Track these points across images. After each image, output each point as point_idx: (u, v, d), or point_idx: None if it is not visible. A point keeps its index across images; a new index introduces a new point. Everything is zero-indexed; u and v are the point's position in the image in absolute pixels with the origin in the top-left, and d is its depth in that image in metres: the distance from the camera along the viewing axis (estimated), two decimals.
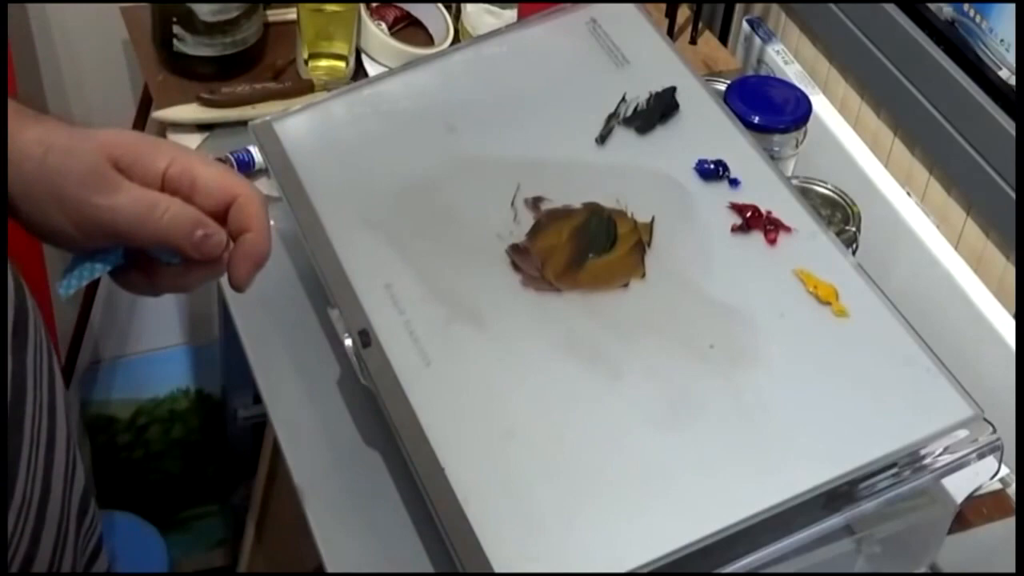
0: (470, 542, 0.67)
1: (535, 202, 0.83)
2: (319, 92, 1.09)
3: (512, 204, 0.83)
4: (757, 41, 1.19)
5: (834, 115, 1.11)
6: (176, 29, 1.08)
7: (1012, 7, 0.90)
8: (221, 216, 0.61)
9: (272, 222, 0.96)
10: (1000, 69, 0.92)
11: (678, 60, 0.92)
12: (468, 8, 1.16)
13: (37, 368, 0.66)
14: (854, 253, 0.92)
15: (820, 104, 1.09)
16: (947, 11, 0.97)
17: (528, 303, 0.78)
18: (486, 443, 0.71)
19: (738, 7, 1.25)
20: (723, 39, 1.25)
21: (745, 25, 1.21)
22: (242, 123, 0.97)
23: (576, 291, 0.78)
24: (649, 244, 0.81)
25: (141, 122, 1.40)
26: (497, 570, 0.66)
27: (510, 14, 1.12)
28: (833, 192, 0.97)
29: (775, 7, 1.22)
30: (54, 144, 0.57)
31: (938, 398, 0.72)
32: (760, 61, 1.19)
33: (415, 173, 0.87)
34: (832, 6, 1.09)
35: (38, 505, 0.65)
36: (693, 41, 1.23)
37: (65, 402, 0.71)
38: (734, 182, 0.84)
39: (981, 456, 0.71)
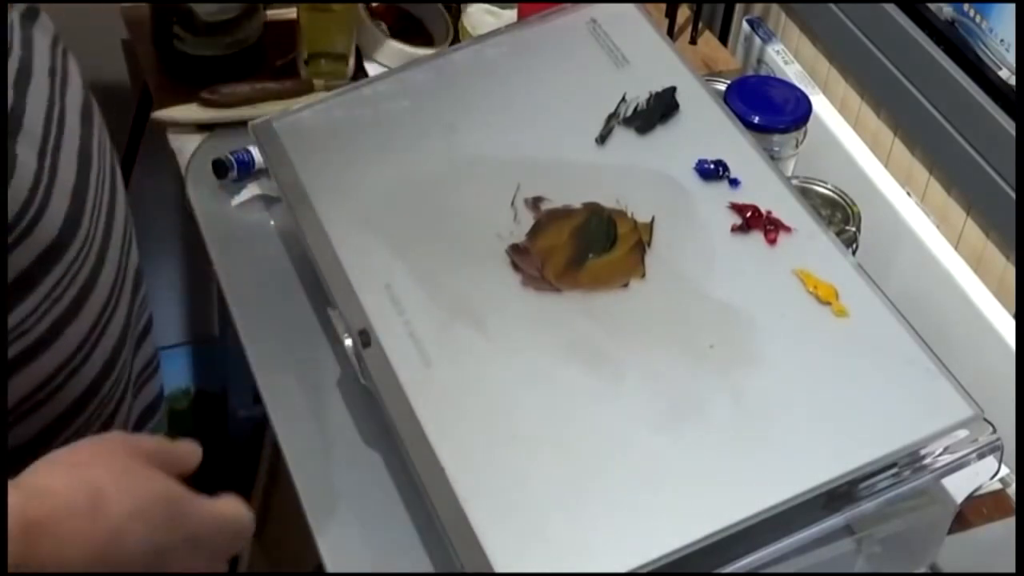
0: (470, 542, 0.67)
1: (535, 202, 0.83)
2: (319, 92, 1.09)
3: (512, 204, 0.83)
4: (757, 41, 1.19)
5: (834, 115, 1.11)
6: (176, 29, 1.08)
7: (1012, 7, 0.90)
8: None
9: (272, 221, 0.97)
10: (1000, 69, 0.92)
11: (678, 60, 0.92)
12: (468, 8, 1.16)
13: (100, 146, 0.74)
14: (854, 253, 0.92)
15: (820, 104, 1.09)
16: (947, 11, 0.97)
17: (528, 303, 0.78)
18: (486, 443, 0.71)
19: (738, 7, 1.25)
20: (723, 39, 1.25)
21: (745, 25, 1.21)
22: (242, 123, 0.97)
23: (576, 291, 0.78)
24: (649, 244, 0.81)
25: (141, 122, 1.40)
26: (497, 570, 0.66)
27: (510, 14, 1.13)
28: (833, 192, 0.97)
29: (775, 7, 1.22)
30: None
31: (938, 398, 0.72)
32: (760, 61, 1.19)
33: (415, 173, 0.87)
34: (832, 6, 1.09)
35: (96, 257, 0.71)
36: (693, 41, 1.23)
37: (122, 183, 0.79)
38: (734, 182, 0.84)
39: (981, 456, 0.71)
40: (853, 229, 0.95)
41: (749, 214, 0.81)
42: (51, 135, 0.67)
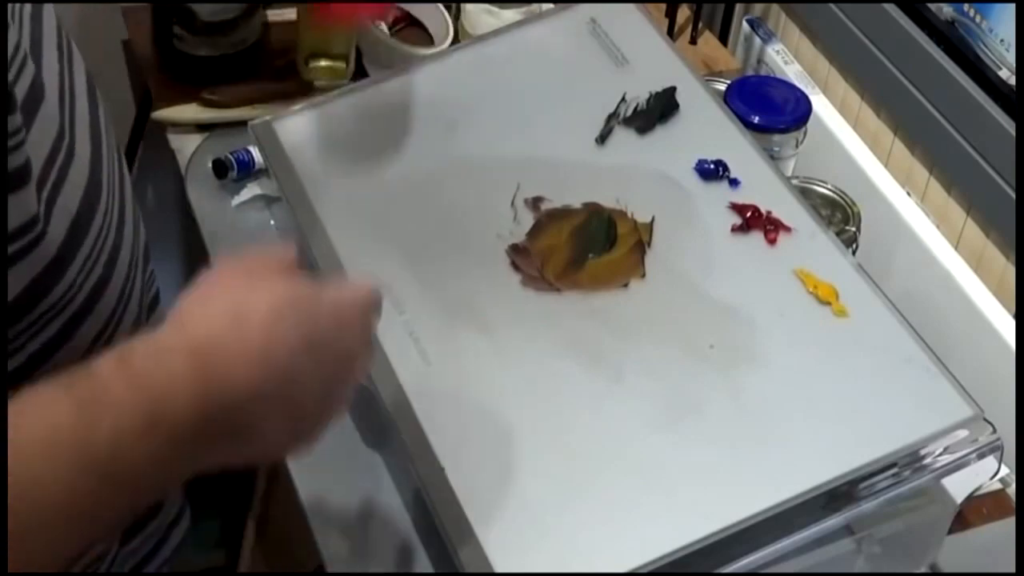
0: (470, 542, 0.67)
1: (535, 202, 0.83)
2: (319, 92, 1.09)
3: (512, 204, 0.83)
4: (757, 41, 1.19)
5: (834, 115, 1.11)
6: (176, 29, 1.08)
7: (1012, 7, 0.90)
8: None
9: (272, 221, 0.97)
10: (1000, 69, 0.92)
11: (678, 60, 0.92)
12: (468, 8, 1.16)
13: (107, 124, 0.74)
14: (854, 253, 0.92)
15: (820, 104, 1.09)
16: (947, 11, 0.97)
17: (528, 303, 0.78)
18: (486, 443, 0.71)
19: (738, 7, 1.25)
20: (723, 39, 1.25)
21: (745, 25, 1.21)
22: (242, 123, 0.97)
23: (576, 291, 0.78)
24: (649, 244, 0.81)
25: (141, 122, 1.40)
26: (497, 570, 0.66)
27: (510, 14, 1.13)
28: (833, 192, 0.97)
29: (775, 7, 1.22)
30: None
31: (938, 398, 0.72)
32: (760, 61, 1.19)
33: (415, 173, 0.87)
34: (832, 6, 1.09)
35: (116, 228, 0.71)
36: (693, 41, 1.23)
37: (125, 161, 0.78)
38: (734, 182, 0.84)
39: (981, 456, 0.71)
40: (853, 229, 0.95)
41: (749, 214, 0.81)
42: (66, 108, 0.68)
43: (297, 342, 0.55)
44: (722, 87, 1.01)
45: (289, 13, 1.17)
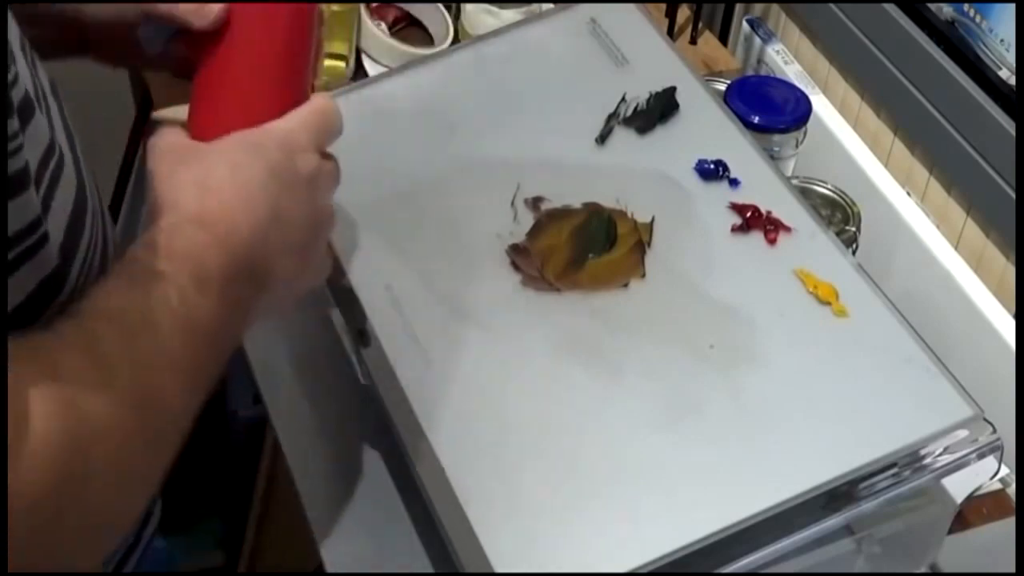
0: (470, 542, 0.67)
1: (535, 202, 0.83)
2: (319, 92, 1.08)
3: (512, 204, 0.83)
4: (757, 41, 1.19)
5: (834, 115, 1.11)
6: None
7: (1012, 7, 0.90)
8: None
9: None
10: (1000, 69, 0.92)
11: (678, 60, 0.92)
12: (468, 8, 1.16)
13: (71, 121, 0.75)
14: (854, 253, 0.92)
15: (820, 104, 1.09)
16: (947, 11, 0.97)
17: (528, 303, 0.78)
18: (486, 443, 0.71)
19: (738, 7, 1.25)
20: (723, 39, 1.25)
21: (745, 25, 1.21)
22: None
23: (576, 291, 0.78)
24: (649, 244, 0.81)
25: (141, 122, 1.40)
26: (497, 570, 0.66)
27: (510, 14, 1.13)
28: (833, 192, 0.97)
29: (775, 7, 1.22)
30: None
31: (938, 398, 0.72)
32: (760, 61, 1.19)
33: (415, 173, 0.87)
34: (832, 6, 1.09)
35: (102, 224, 0.73)
36: (693, 41, 1.23)
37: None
38: (734, 182, 0.84)
39: (981, 456, 0.71)
40: (853, 229, 0.95)
41: (749, 214, 0.81)
42: (44, 110, 0.67)
43: (264, 182, 0.61)
44: (722, 87, 1.01)
45: None
